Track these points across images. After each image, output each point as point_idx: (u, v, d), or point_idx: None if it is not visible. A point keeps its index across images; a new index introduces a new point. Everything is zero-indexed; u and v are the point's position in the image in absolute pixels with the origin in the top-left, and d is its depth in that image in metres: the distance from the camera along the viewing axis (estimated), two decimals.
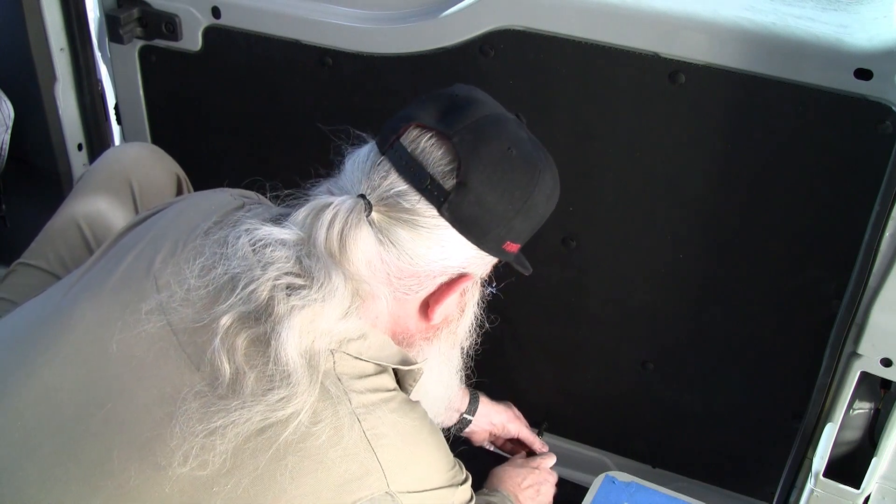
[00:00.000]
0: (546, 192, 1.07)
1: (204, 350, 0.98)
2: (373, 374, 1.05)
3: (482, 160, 1.01)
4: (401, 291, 1.06)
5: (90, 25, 1.83)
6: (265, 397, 0.96)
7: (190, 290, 1.01)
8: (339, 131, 1.12)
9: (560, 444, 1.86)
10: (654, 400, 1.71)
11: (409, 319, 1.11)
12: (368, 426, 1.01)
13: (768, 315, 1.51)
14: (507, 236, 1.06)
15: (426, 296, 1.09)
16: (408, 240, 1.02)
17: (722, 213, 1.45)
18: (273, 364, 0.96)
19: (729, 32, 1.29)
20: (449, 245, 1.03)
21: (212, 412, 0.95)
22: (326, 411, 0.98)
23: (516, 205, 1.03)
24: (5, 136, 1.89)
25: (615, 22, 1.35)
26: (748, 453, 1.69)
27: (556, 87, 1.45)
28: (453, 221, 1.02)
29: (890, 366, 1.22)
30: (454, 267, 1.06)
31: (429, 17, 1.49)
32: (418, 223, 1.02)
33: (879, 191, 1.21)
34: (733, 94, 1.34)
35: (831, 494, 1.26)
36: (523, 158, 1.04)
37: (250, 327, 0.98)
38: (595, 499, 1.54)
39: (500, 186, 1.02)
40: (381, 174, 1.02)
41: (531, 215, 1.06)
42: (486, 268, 1.13)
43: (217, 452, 0.94)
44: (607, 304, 1.65)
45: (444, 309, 1.10)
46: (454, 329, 1.16)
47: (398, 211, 1.01)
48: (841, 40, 1.24)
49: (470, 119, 1.03)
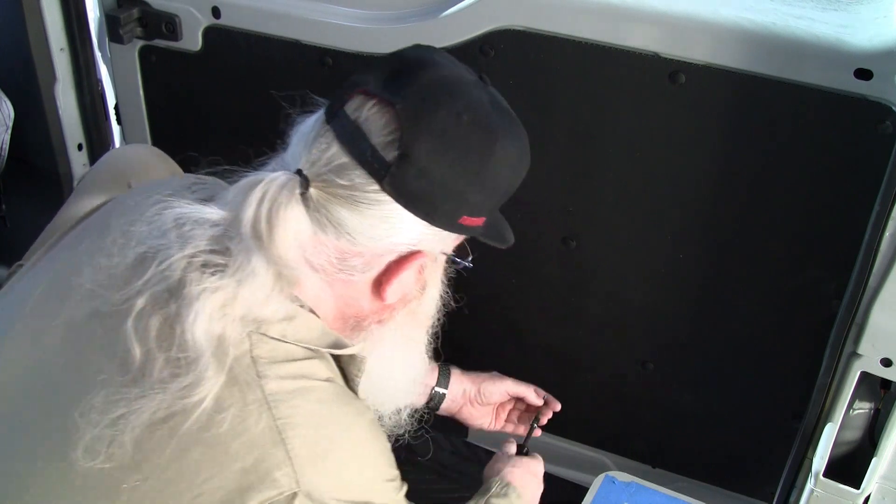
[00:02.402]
0: (507, 161, 0.97)
1: (118, 334, 0.92)
2: (300, 358, 0.96)
3: (427, 128, 0.92)
4: (345, 272, 0.98)
5: (90, 25, 1.83)
6: (170, 384, 0.89)
7: (113, 273, 0.95)
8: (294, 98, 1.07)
9: (560, 444, 1.86)
10: (654, 400, 1.71)
11: (362, 300, 1.02)
12: (280, 415, 0.91)
13: (768, 315, 1.51)
14: (462, 210, 0.97)
15: (377, 275, 1.00)
16: (347, 217, 0.94)
17: (722, 212, 1.45)
18: (178, 349, 0.90)
19: (729, 32, 1.29)
20: (394, 221, 0.95)
21: (114, 401, 0.89)
22: (233, 398, 0.90)
23: (468, 177, 0.94)
24: (5, 136, 1.89)
25: (615, 22, 1.35)
26: (748, 453, 1.69)
27: (556, 87, 1.45)
28: (397, 196, 0.93)
29: (890, 366, 1.22)
30: (403, 244, 0.97)
31: (429, 17, 1.49)
32: (358, 199, 0.93)
33: (879, 191, 1.21)
34: (733, 94, 1.34)
35: (831, 494, 1.26)
36: (477, 125, 0.94)
37: (163, 308, 0.92)
38: (595, 499, 1.54)
39: (448, 157, 0.93)
40: (323, 146, 0.95)
41: (488, 187, 0.97)
42: (445, 244, 1.03)
43: (120, 444, 0.88)
44: (607, 304, 1.64)
45: (398, 288, 1.01)
46: (415, 309, 1.06)
47: (337, 186, 0.93)
48: (841, 40, 1.24)
49: (418, 83, 0.94)
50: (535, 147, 1.53)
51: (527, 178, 1.59)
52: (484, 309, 1.78)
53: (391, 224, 0.95)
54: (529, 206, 1.59)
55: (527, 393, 1.53)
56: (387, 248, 0.97)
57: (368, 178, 0.92)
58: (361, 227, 0.94)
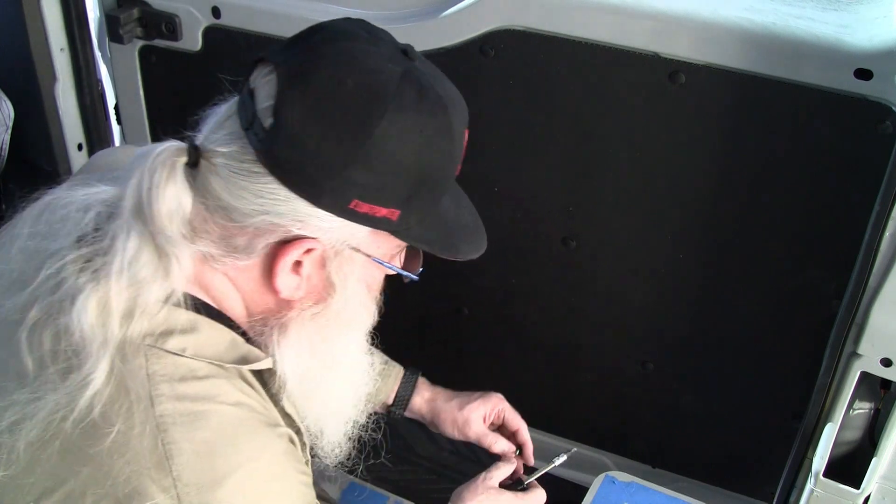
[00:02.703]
0: (398, 135, 0.85)
1: (13, 344, 0.87)
2: (203, 377, 0.87)
3: (301, 92, 0.83)
4: (231, 256, 0.90)
5: (90, 25, 1.83)
6: (60, 385, 0.84)
7: (12, 278, 0.90)
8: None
9: (560, 444, 1.86)
10: (654, 400, 1.71)
11: (262, 294, 0.93)
12: (170, 439, 0.83)
13: (768, 315, 1.51)
14: (350, 192, 0.85)
15: (263, 260, 0.91)
16: (223, 189, 0.86)
17: (722, 212, 1.45)
18: (67, 352, 0.84)
19: (729, 32, 1.29)
20: (270, 197, 0.86)
21: (5, 407, 0.85)
22: (122, 414, 0.83)
23: (347, 150, 0.83)
24: (5, 136, 1.89)
25: (615, 22, 1.35)
26: (748, 453, 1.69)
27: (556, 87, 1.45)
28: (271, 167, 0.85)
29: (890, 366, 1.22)
30: (282, 225, 0.87)
31: (429, 17, 1.49)
32: (235, 169, 0.86)
33: (879, 191, 1.21)
34: (733, 94, 1.34)
35: (831, 494, 1.26)
36: (363, 91, 0.83)
37: (55, 317, 0.86)
38: (595, 499, 1.54)
39: (321, 125, 0.83)
40: (226, 116, 0.89)
41: (376, 165, 0.84)
42: (358, 238, 0.91)
43: (12, 450, 0.84)
44: (607, 304, 1.64)
45: (290, 279, 0.91)
46: (327, 310, 0.95)
47: (219, 156, 0.87)
48: (841, 40, 1.24)
49: (311, 47, 0.87)
50: (535, 147, 1.54)
51: (527, 178, 1.60)
52: (484, 309, 1.78)
53: (266, 199, 0.86)
54: (529, 206, 1.60)
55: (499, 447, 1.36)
56: (266, 227, 0.88)
57: (248, 148, 0.86)
58: (238, 202, 0.87)
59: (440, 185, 0.93)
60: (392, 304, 1.88)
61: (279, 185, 0.85)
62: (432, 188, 0.91)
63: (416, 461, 1.86)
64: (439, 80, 0.91)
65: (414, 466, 1.85)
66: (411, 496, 1.77)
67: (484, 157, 1.57)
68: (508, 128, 1.52)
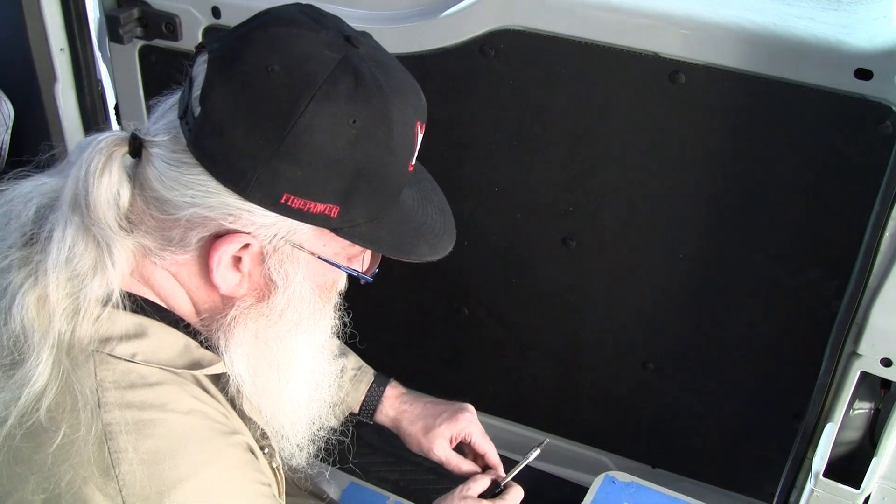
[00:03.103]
0: (331, 126, 0.81)
1: None
2: (154, 384, 0.85)
3: (227, 80, 0.80)
4: (169, 250, 0.87)
5: (90, 25, 1.83)
6: (1, 392, 0.82)
7: None
8: None
9: (560, 444, 1.86)
10: (654, 400, 1.71)
11: (206, 291, 0.91)
12: (117, 448, 0.81)
13: (768, 315, 1.51)
14: (278, 186, 0.82)
15: (199, 254, 0.88)
16: (157, 180, 0.85)
17: (722, 212, 1.45)
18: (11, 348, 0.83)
19: (729, 32, 1.29)
20: (200, 188, 0.83)
21: None
22: (66, 419, 0.81)
23: (271, 141, 0.80)
24: (5, 136, 1.89)
25: (615, 22, 1.35)
26: (748, 453, 1.69)
27: (556, 87, 1.45)
28: (199, 157, 0.82)
29: (890, 366, 1.22)
30: (212, 218, 0.84)
31: (429, 17, 1.49)
32: (167, 159, 0.84)
33: (879, 191, 1.21)
34: (733, 94, 1.34)
35: (831, 494, 1.26)
36: (289, 80, 0.80)
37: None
38: (595, 499, 1.54)
39: (246, 115, 0.80)
40: (170, 106, 0.88)
41: (303, 157, 0.81)
42: (301, 235, 0.88)
43: None
44: (607, 305, 1.64)
45: (228, 275, 0.88)
46: (271, 308, 0.91)
47: (157, 146, 0.85)
48: (841, 40, 1.24)
49: (242, 31, 0.84)
50: (535, 147, 1.54)
51: (527, 178, 1.60)
52: (484, 309, 1.78)
53: (196, 191, 0.83)
54: (529, 206, 1.60)
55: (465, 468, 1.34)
56: (198, 221, 0.85)
57: (180, 138, 0.84)
58: (170, 193, 0.84)
59: (384, 180, 0.87)
60: (392, 304, 1.89)
61: (208, 176, 0.83)
62: (374, 183, 0.86)
63: (416, 461, 1.86)
64: (386, 69, 0.86)
65: (414, 466, 1.85)
66: (411, 496, 1.77)
67: (484, 157, 1.58)
68: (508, 128, 1.52)
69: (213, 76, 0.81)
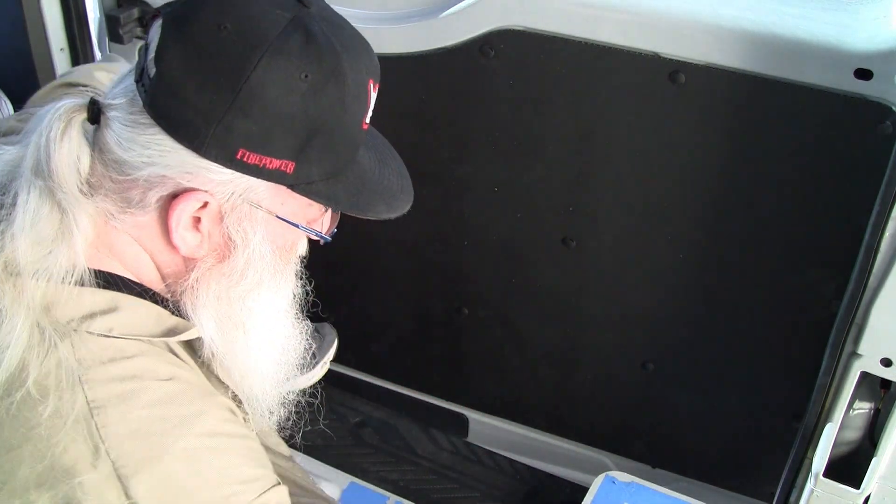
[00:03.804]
0: (283, 82, 0.83)
1: None
2: (132, 355, 0.87)
3: (180, 39, 0.83)
4: (129, 212, 0.89)
5: (90, 25, 1.83)
6: None
7: None
8: None
9: (560, 444, 1.86)
10: (654, 400, 1.71)
11: (168, 254, 0.92)
12: (104, 422, 0.83)
13: (768, 315, 1.51)
14: (233, 141, 0.83)
15: (159, 215, 0.89)
16: (115, 143, 0.86)
17: (722, 212, 1.45)
18: None
19: (729, 32, 1.29)
20: (157, 148, 0.85)
21: None
22: (52, 403, 0.82)
23: (225, 97, 0.82)
24: None
25: (615, 22, 1.35)
26: (748, 453, 1.69)
27: (556, 87, 1.45)
28: (156, 117, 0.84)
29: (890, 366, 1.22)
30: (170, 177, 0.86)
31: (429, 17, 1.49)
32: (124, 121, 0.86)
33: (879, 191, 1.21)
34: (733, 94, 1.34)
35: (831, 494, 1.26)
36: (240, 37, 0.82)
37: None
38: (595, 499, 1.54)
39: (199, 72, 0.82)
40: (128, 72, 0.89)
41: (256, 112, 0.82)
42: (258, 193, 0.89)
43: None
44: (607, 305, 1.64)
45: (189, 235, 0.89)
46: (232, 268, 0.92)
47: (114, 110, 0.87)
48: (841, 40, 1.24)
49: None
50: (535, 147, 1.53)
51: (527, 178, 1.60)
52: (484, 309, 1.78)
53: (154, 151, 0.85)
54: (529, 206, 1.60)
55: None
56: (156, 180, 0.86)
57: (137, 100, 0.85)
58: (127, 154, 0.86)
59: (338, 136, 0.89)
60: (392, 304, 1.89)
61: (165, 135, 0.84)
62: (329, 139, 0.88)
63: (416, 461, 1.86)
64: (337, 28, 0.89)
65: (414, 466, 1.85)
66: (411, 496, 1.77)
67: (484, 157, 1.58)
68: (508, 128, 1.52)
69: (167, 36, 0.83)
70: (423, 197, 1.72)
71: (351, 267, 1.83)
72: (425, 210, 1.68)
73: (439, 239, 1.72)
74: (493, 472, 1.84)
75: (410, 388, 1.99)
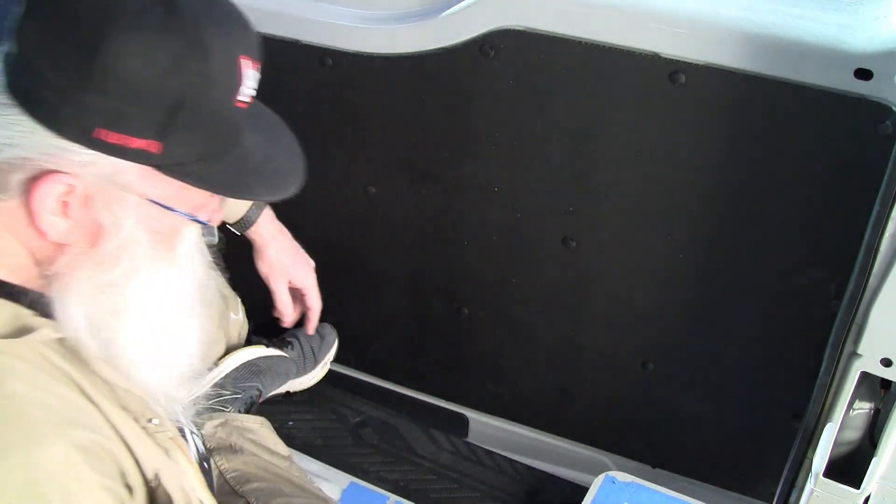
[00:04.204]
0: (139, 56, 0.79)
1: None
2: None
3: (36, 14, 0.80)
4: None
5: None
6: None
7: None
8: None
9: (560, 443, 1.86)
10: (654, 400, 1.71)
11: (39, 241, 0.88)
12: None
13: (768, 315, 1.51)
14: (90, 120, 0.80)
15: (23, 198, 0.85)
16: None
17: (722, 212, 1.45)
18: None
19: (729, 32, 1.29)
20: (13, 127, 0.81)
21: None
22: None
23: (79, 72, 0.78)
24: None
25: (615, 22, 1.35)
26: (748, 453, 1.69)
27: (557, 87, 1.45)
28: (15, 97, 0.81)
29: (890, 366, 1.22)
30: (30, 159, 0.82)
31: (429, 17, 1.49)
32: None
33: (879, 191, 1.21)
34: (733, 94, 1.34)
35: (831, 494, 1.26)
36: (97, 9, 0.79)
37: None
38: (595, 499, 1.54)
39: (50, 48, 0.79)
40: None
41: (111, 88, 0.79)
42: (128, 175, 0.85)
43: None
44: (607, 305, 1.64)
45: (56, 220, 0.85)
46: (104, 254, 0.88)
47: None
48: (841, 40, 1.24)
49: None
50: (535, 147, 1.53)
51: (527, 178, 1.60)
52: (484, 309, 1.78)
53: (13, 132, 0.81)
54: (529, 206, 1.60)
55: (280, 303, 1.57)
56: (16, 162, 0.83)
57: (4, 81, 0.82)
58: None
59: (205, 113, 0.84)
60: (392, 304, 1.89)
61: (25, 115, 0.81)
62: (195, 117, 0.83)
63: (416, 461, 1.86)
64: (207, 3, 0.85)
65: (414, 466, 1.85)
66: (411, 496, 1.77)
67: (484, 157, 1.58)
68: (508, 128, 1.52)
69: (25, 13, 0.80)
70: (423, 197, 1.72)
71: (351, 267, 1.83)
72: (425, 210, 1.69)
73: (439, 239, 1.72)
74: (493, 472, 1.84)
75: (410, 388, 1.99)
